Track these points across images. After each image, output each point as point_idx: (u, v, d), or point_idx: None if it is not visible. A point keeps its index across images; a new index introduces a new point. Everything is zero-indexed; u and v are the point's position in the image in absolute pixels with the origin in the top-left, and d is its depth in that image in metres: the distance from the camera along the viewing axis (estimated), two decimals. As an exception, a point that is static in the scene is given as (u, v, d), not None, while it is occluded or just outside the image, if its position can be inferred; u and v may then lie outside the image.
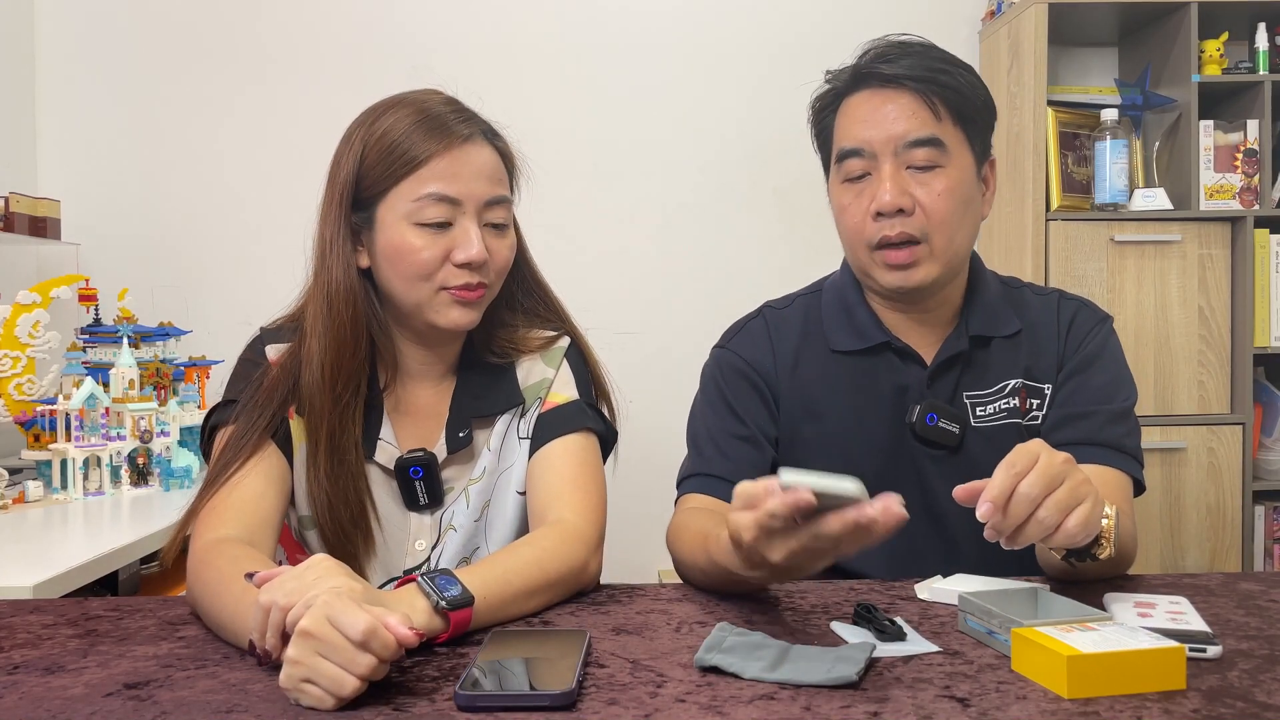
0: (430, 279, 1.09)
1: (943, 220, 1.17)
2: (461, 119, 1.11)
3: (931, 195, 1.17)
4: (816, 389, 1.26)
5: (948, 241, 1.18)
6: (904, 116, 1.17)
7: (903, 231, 1.17)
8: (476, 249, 1.08)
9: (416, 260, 1.08)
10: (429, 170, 1.08)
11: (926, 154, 1.17)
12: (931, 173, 1.17)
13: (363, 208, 1.11)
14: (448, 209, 1.08)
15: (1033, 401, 1.25)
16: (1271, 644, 0.88)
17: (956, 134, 1.19)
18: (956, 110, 1.18)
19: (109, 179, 2.67)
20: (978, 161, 1.22)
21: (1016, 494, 0.86)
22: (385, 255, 1.10)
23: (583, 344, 1.25)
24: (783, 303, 1.34)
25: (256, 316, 1.24)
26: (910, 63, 1.18)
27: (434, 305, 1.10)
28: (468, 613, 0.89)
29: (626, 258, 2.70)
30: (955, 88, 1.18)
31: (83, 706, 0.75)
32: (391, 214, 1.09)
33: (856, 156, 1.20)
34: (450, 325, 1.11)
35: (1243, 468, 2.40)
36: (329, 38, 2.67)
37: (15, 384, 1.97)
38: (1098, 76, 2.76)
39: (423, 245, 1.08)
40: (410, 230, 1.08)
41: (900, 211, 1.17)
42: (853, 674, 0.77)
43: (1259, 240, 2.40)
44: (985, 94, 1.22)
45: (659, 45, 2.72)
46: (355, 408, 1.12)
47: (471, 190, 1.09)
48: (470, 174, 1.09)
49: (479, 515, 1.19)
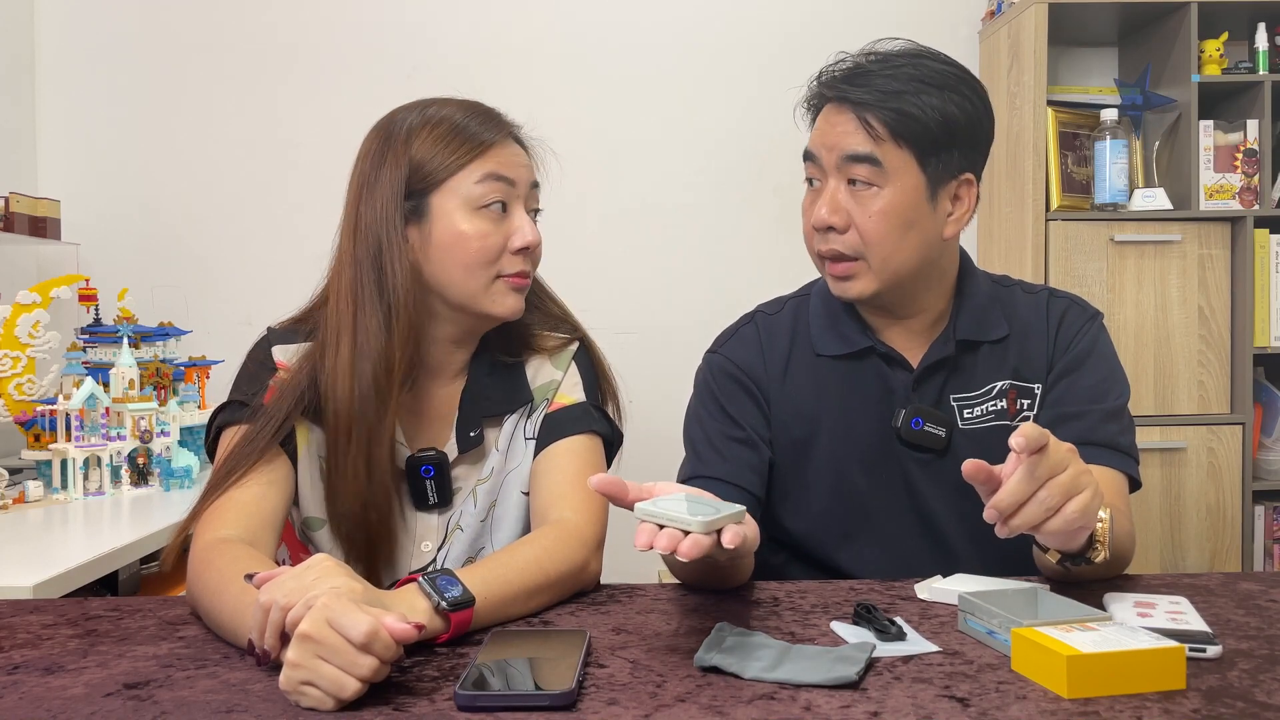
0: (491, 266, 1.11)
1: (875, 241, 1.16)
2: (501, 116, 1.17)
3: (865, 215, 1.16)
4: (806, 393, 1.26)
5: (883, 261, 1.17)
6: (847, 134, 1.16)
7: (832, 248, 1.18)
8: (532, 234, 1.13)
9: (480, 246, 1.10)
10: (491, 155, 1.12)
11: (862, 171, 1.16)
12: (869, 191, 1.16)
13: (415, 197, 1.11)
14: (507, 190, 1.12)
15: (1022, 402, 1.25)
16: (1271, 644, 0.88)
17: (901, 155, 1.15)
18: (901, 133, 1.14)
19: (109, 179, 2.67)
20: (932, 182, 1.17)
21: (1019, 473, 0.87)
22: (442, 244, 1.11)
23: (592, 348, 1.26)
24: (774, 307, 1.34)
25: (256, 316, 1.24)
26: (866, 84, 1.15)
27: (490, 293, 1.12)
28: (468, 613, 0.89)
29: (626, 258, 2.70)
30: (905, 111, 1.14)
31: (83, 706, 0.75)
32: (451, 200, 1.10)
33: (811, 162, 1.21)
34: (507, 313, 1.14)
35: (1243, 468, 2.40)
36: (329, 38, 2.67)
37: (15, 384, 1.97)
38: (1098, 76, 2.76)
39: (486, 231, 1.11)
40: (471, 217, 1.10)
41: (831, 229, 1.18)
42: (853, 674, 0.77)
43: (1259, 240, 2.40)
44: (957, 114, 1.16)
45: (658, 45, 2.72)
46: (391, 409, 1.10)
47: (522, 175, 1.15)
48: (519, 160, 1.16)
49: (485, 515, 1.19)
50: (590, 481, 0.86)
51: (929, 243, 1.19)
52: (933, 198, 1.18)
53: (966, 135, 1.18)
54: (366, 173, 1.12)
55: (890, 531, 1.25)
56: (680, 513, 0.81)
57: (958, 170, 1.19)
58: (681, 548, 0.79)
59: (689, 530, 0.80)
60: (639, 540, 0.80)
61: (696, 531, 0.79)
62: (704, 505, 0.83)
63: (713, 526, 0.81)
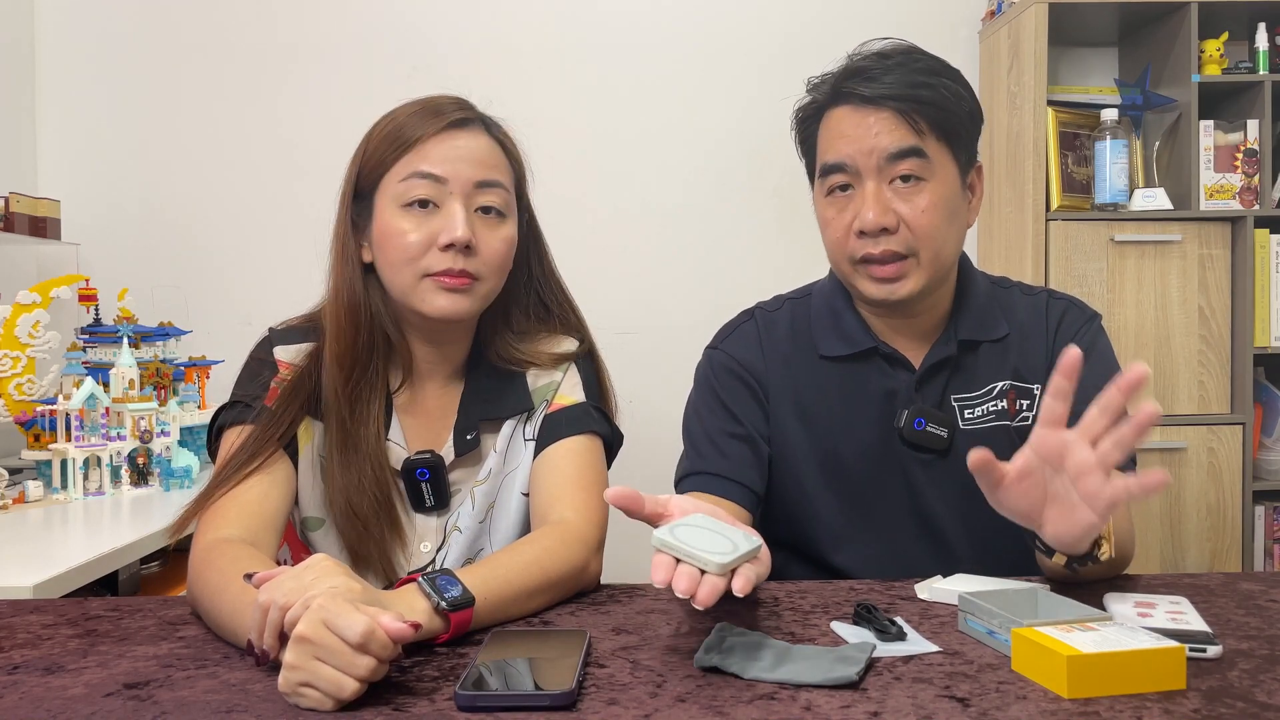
0: (415, 263, 1.09)
1: (929, 235, 1.16)
2: (460, 108, 1.14)
3: (916, 211, 1.16)
4: (806, 392, 1.26)
5: (934, 255, 1.17)
6: (885, 131, 1.15)
7: (887, 249, 1.16)
8: (461, 230, 1.08)
9: (403, 243, 1.09)
10: (420, 150, 1.09)
11: (910, 165, 1.15)
12: (915, 186, 1.16)
13: (363, 197, 1.13)
14: (433, 187, 1.09)
15: (1022, 403, 1.25)
16: (1271, 644, 0.88)
17: (940, 147, 1.17)
18: (938, 124, 1.16)
19: (109, 179, 2.67)
20: (962, 172, 1.20)
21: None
22: (378, 242, 1.12)
23: (594, 352, 1.26)
24: (773, 305, 1.34)
25: (256, 316, 1.24)
26: (892, 79, 1.16)
27: (419, 292, 1.10)
28: (468, 613, 0.89)
29: (626, 257, 2.70)
30: (936, 102, 1.15)
31: (83, 706, 0.75)
32: (384, 198, 1.11)
33: (839, 171, 1.18)
34: (437, 313, 1.10)
35: (1243, 468, 2.39)
36: (329, 39, 2.67)
37: (15, 384, 1.97)
38: (1098, 76, 2.76)
39: (409, 228, 1.09)
40: (399, 213, 1.09)
41: (884, 230, 1.16)
42: (853, 674, 0.77)
43: (1259, 240, 2.40)
44: (970, 102, 1.20)
45: (658, 45, 2.72)
46: (371, 403, 1.12)
47: (459, 171, 1.10)
48: (460, 156, 1.10)
49: (484, 517, 1.19)
50: (606, 495, 0.85)
51: (964, 233, 1.22)
52: (965, 186, 1.21)
53: (975, 123, 1.21)
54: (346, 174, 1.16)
55: (891, 531, 1.25)
56: (698, 548, 0.80)
57: (973, 158, 1.22)
58: (699, 595, 0.78)
59: (705, 570, 0.79)
60: (656, 576, 0.79)
61: (713, 573, 0.79)
62: (721, 537, 0.82)
63: (729, 567, 0.80)
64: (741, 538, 0.83)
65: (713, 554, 0.79)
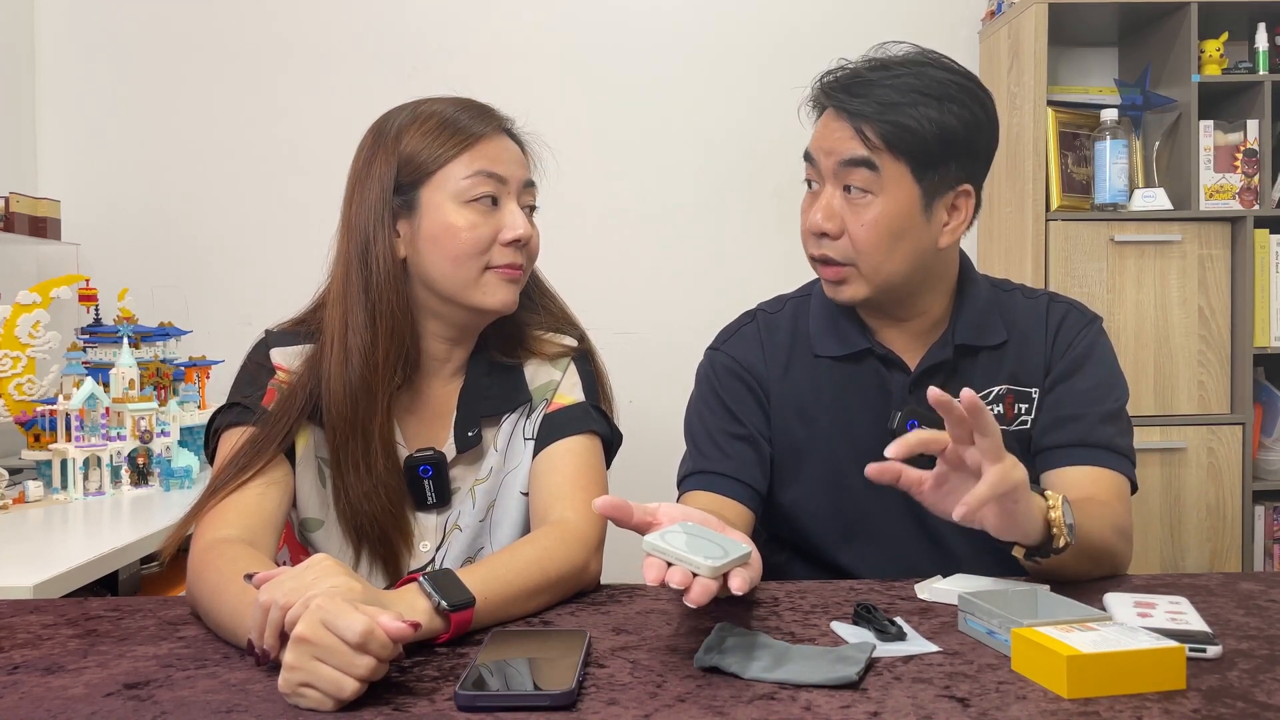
0: (480, 257, 1.11)
1: (867, 250, 1.17)
2: (493, 111, 1.17)
3: (857, 224, 1.16)
4: (806, 393, 1.27)
5: (874, 269, 1.18)
6: (844, 139, 1.16)
7: (824, 253, 1.19)
8: (524, 227, 1.13)
9: (470, 238, 1.10)
10: (481, 149, 1.12)
11: (860, 177, 1.15)
12: (863, 199, 1.16)
13: (404, 191, 1.12)
14: (496, 186, 1.12)
15: (1020, 407, 1.25)
16: (1271, 644, 0.88)
17: (896, 165, 1.15)
18: (896, 142, 1.14)
19: (109, 179, 2.67)
20: (927, 193, 1.17)
21: None
22: (432, 236, 1.11)
23: (592, 352, 1.26)
24: (774, 305, 1.35)
25: (256, 316, 1.24)
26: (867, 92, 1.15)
27: (481, 285, 1.12)
28: (469, 613, 0.89)
29: (626, 258, 2.70)
30: (899, 121, 1.13)
31: (83, 706, 0.75)
32: (440, 194, 1.11)
33: (810, 164, 1.21)
34: (498, 305, 1.13)
35: (1243, 468, 2.39)
36: (329, 38, 2.67)
37: (15, 384, 1.97)
38: (1098, 76, 2.76)
39: (475, 223, 1.11)
40: (461, 209, 1.11)
41: (825, 235, 1.18)
42: (853, 674, 0.77)
43: (1259, 240, 2.40)
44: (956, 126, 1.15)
45: (658, 46, 2.72)
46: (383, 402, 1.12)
47: (514, 172, 1.14)
48: (512, 157, 1.15)
49: (484, 516, 1.19)
50: (595, 505, 0.85)
51: (921, 252, 1.19)
52: (927, 209, 1.17)
53: (965, 147, 1.17)
54: (359, 171, 1.14)
55: (889, 532, 1.25)
56: (688, 553, 0.80)
57: (955, 181, 1.18)
58: (691, 595, 0.78)
59: (697, 573, 0.79)
60: (648, 576, 0.80)
61: (705, 576, 0.79)
62: (710, 544, 0.83)
63: (720, 571, 0.80)
64: (732, 544, 0.84)
65: (703, 559, 0.80)
